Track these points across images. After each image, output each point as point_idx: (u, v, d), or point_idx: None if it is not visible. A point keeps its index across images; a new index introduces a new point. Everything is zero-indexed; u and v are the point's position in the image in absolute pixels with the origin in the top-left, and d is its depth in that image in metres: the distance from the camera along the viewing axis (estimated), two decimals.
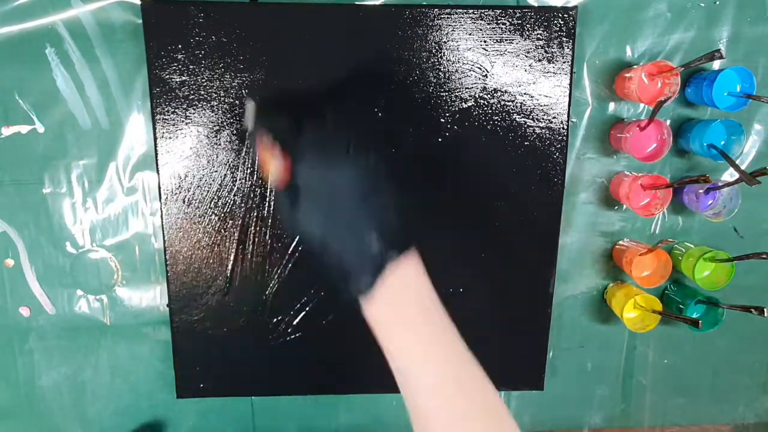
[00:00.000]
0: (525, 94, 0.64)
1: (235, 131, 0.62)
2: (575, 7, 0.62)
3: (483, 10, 0.62)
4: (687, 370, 0.76)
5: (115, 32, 0.63)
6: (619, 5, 0.66)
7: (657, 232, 0.72)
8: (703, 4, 0.66)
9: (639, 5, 0.66)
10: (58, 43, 0.62)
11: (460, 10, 0.61)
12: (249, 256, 0.66)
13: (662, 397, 0.77)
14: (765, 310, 0.61)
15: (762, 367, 0.77)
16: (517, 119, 0.64)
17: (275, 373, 0.70)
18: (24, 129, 0.64)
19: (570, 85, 0.64)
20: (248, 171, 0.63)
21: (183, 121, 0.62)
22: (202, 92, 0.61)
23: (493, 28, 0.62)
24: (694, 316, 0.70)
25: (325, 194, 0.48)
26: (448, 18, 0.62)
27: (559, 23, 0.62)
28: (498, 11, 0.62)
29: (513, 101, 0.64)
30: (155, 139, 0.62)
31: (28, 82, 0.63)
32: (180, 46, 0.60)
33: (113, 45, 0.63)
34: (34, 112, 0.64)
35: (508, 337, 0.71)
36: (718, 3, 0.66)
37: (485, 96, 0.64)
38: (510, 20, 0.62)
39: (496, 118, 0.64)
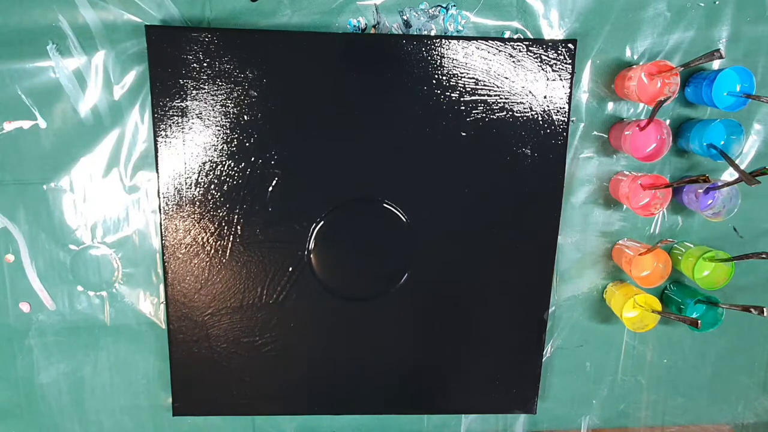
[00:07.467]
0: (525, 93, 0.64)
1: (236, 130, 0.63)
2: (575, 40, 0.63)
3: (484, 41, 0.62)
4: (686, 369, 0.76)
5: (117, 29, 0.63)
6: (619, 5, 0.66)
7: (657, 231, 0.72)
8: (702, 4, 0.66)
9: (639, 5, 0.66)
10: (61, 38, 0.62)
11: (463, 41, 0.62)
12: (249, 267, 0.66)
13: (661, 396, 0.77)
14: (765, 309, 0.61)
15: (761, 366, 0.77)
16: (517, 118, 0.64)
17: (275, 391, 0.70)
18: (26, 124, 0.64)
19: (570, 85, 0.64)
20: (249, 172, 0.64)
21: (183, 121, 0.62)
22: (204, 94, 0.62)
23: (495, 55, 0.63)
24: (694, 315, 0.70)
25: None
26: (449, 42, 0.62)
27: (561, 50, 0.63)
28: (499, 43, 0.62)
29: (513, 100, 0.64)
30: (155, 138, 0.63)
31: (30, 77, 0.63)
32: (183, 54, 0.61)
33: (116, 41, 0.63)
34: (36, 107, 0.64)
35: (502, 359, 0.71)
36: (717, 3, 0.66)
37: (486, 95, 0.64)
38: (512, 49, 0.63)
39: (496, 117, 0.64)
